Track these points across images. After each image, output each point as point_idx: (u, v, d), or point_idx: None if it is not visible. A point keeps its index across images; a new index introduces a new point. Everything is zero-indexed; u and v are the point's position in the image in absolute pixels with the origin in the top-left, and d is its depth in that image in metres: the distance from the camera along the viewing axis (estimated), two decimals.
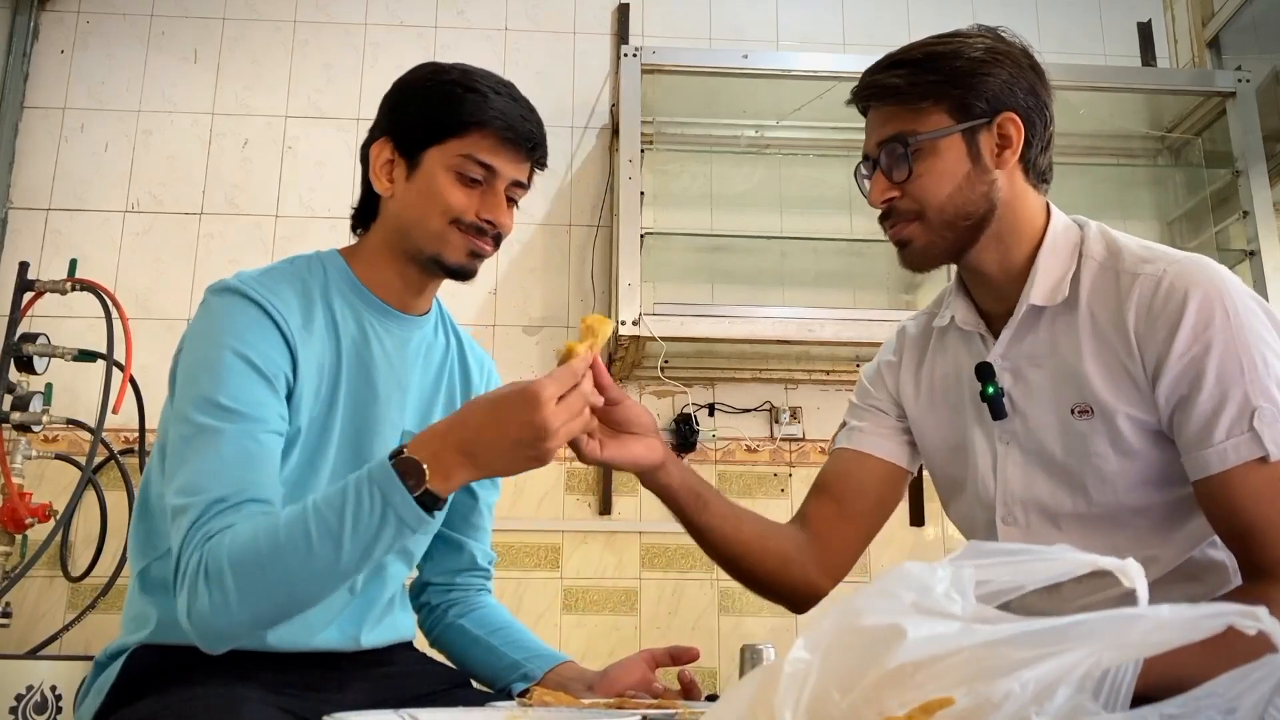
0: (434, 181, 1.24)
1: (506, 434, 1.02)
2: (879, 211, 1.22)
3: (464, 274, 1.28)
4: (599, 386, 1.11)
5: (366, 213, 1.34)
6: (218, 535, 1.05)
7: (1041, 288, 1.18)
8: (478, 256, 1.27)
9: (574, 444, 1.12)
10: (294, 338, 1.20)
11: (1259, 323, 1.08)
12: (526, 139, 1.25)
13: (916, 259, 1.22)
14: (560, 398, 1.02)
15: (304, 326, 1.23)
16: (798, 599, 1.36)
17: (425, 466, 1.02)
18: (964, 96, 1.16)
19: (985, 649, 0.51)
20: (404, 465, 1.02)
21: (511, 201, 1.29)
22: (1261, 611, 0.54)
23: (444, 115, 1.24)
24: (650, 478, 1.24)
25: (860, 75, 1.24)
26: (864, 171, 1.24)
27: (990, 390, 1.21)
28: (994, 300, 1.24)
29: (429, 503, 1.03)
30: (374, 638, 1.29)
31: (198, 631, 1.06)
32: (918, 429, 1.35)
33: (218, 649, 1.08)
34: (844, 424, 1.41)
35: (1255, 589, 1.04)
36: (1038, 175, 1.22)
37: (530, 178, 1.31)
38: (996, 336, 1.23)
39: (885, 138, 1.18)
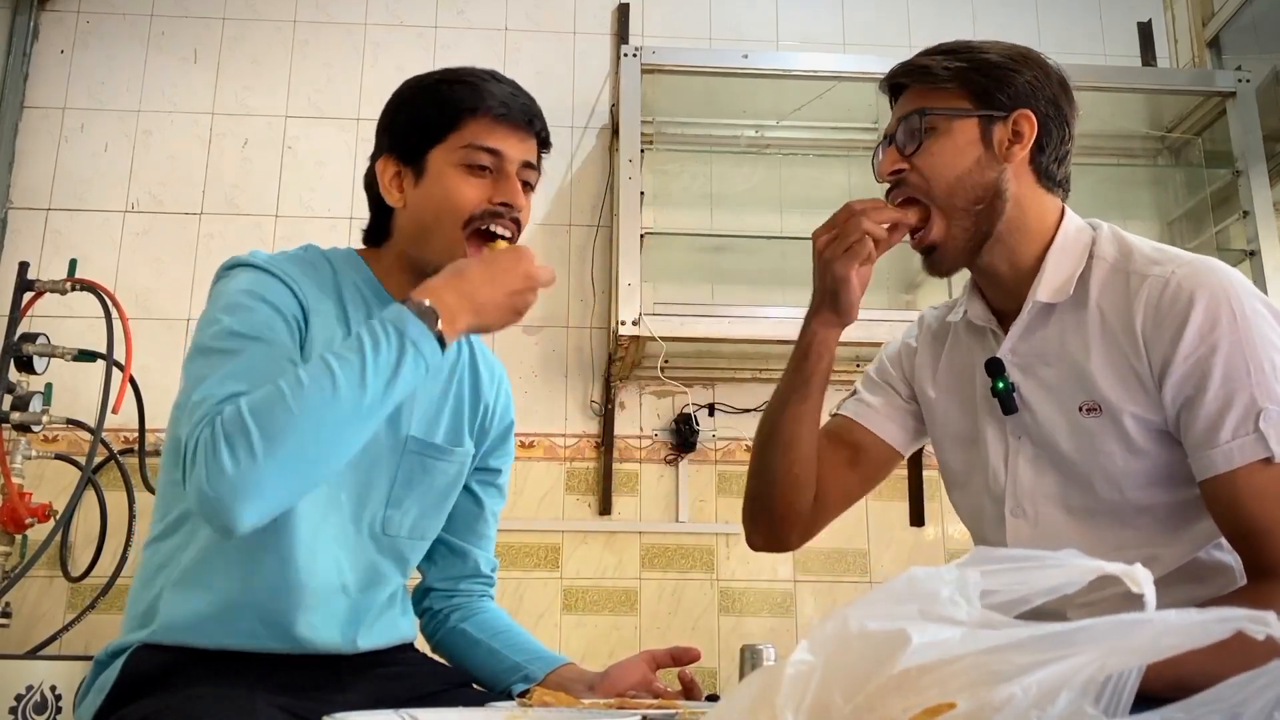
0: (444, 180, 1.24)
1: (503, 284, 1.16)
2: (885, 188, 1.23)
3: None
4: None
5: (379, 232, 1.34)
6: (232, 404, 1.04)
7: (1049, 284, 1.19)
8: (495, 237, 1.26)
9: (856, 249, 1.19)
10: (308, 306, 1.22)
11: (1266, 325, 1.08)
12: (523, 113, 1.27)
13: (943, 262, 1.22)
14: None
15: (316, 302, 1.24)
16: (772, 529, 1.36)
17: (436, 310, 1.11)
18: (987, 85, 1.19)
19: (989, 654, 0.51)
20: (415, 307, 1.10)
21: (527, 185, 1.29)
22: (1270, 616, 0.54)
23: (437, 112, 1.25)
24: (838, 324, 1.27)
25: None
26: (881, 154, 1.26)
27: (1000, 385, 1.22)
28: (1005, 297, 1.25)
29: (439, 344, 1.11)
30: (372, 639, 1.29)
31: (220, 497, 0.98)
32: (930, 417, 1.36)
33: (245, 519, 1.00)
34: (854, 391, 1.42)
35: (1261, 589, 1.04)
36: (1050, 180, 1.23)
37: (539, 159, 1.31)
38: (1008, 333, 1.24)
39: (906, 112, 1.21)
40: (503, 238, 1.25)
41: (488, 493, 1.47)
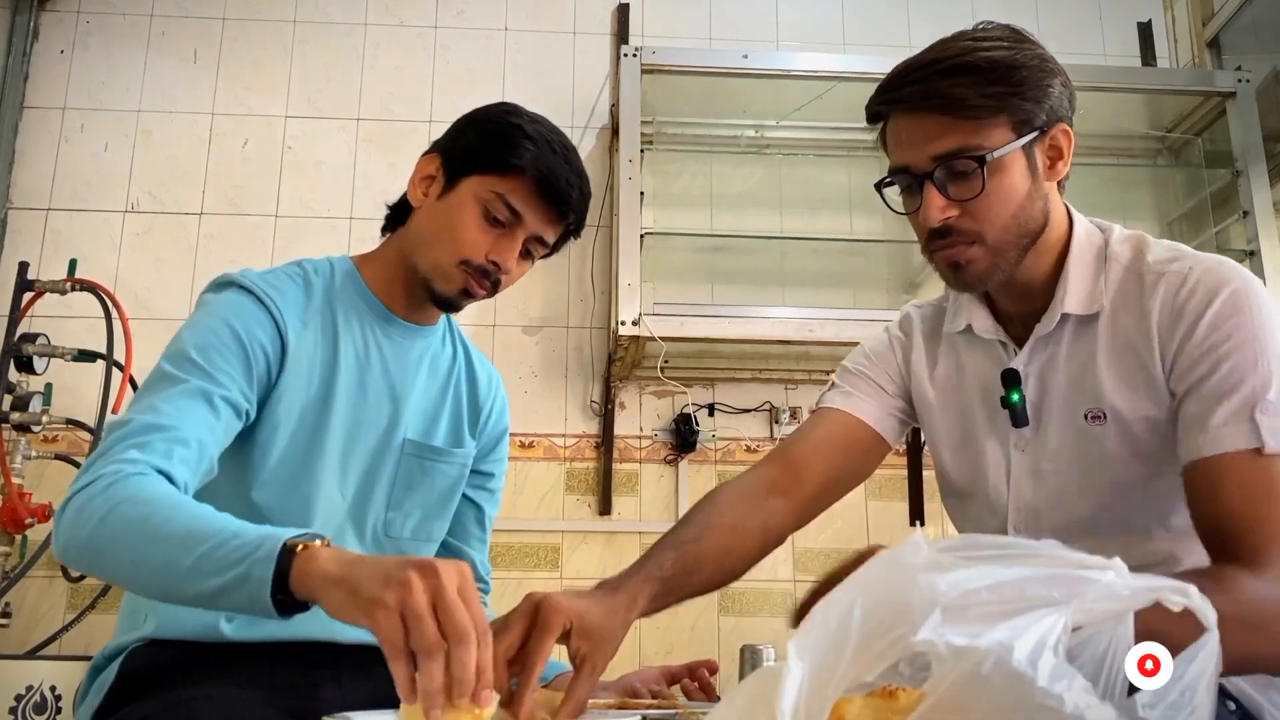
0: (463, 210, 1.25)
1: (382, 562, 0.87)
2: (926, 230, 1.12)
3: (449, 306, 1.31)
4: None
5: (397, 218, 1.35)
6: (138, 475, 1.01)
7: (1075, 296, 1.15)
8: (469, 296, 1.28)
9: None
10: (287, 329, 1.23)
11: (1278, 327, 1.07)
12: (561, 200, 1.25)
13: (974, 281, 1.15)
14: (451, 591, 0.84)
15: (300, 321, 1.25)
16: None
17: (296, 555, 0.90)
18: (1030, 110, 1.09)
19: (949, 608, 0.53)
20: (285, 553, 0.90)
21: (529, 255, 1.29)
22: (1190, 589, 0.56)
23: (494, 149, 1.25)
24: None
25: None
26: (901, 184, 1.15)
27: (1015, 398, 1.18)
28: (1015, 303, 1.21)
29: (282, 597, 0.90)
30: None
31: (64, 511, 1.02)
32: (927, 420, 1.32)
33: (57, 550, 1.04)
34: (833, 384, 1.35)
35: (1224, 571, 0.97)
36: (1063, 186, 1.19)
37: (560, 242, 1.31)
38: (1015, 342, 1.21)
39: (945, 151, 1.08)
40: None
41: (479, 496, 1.48)
